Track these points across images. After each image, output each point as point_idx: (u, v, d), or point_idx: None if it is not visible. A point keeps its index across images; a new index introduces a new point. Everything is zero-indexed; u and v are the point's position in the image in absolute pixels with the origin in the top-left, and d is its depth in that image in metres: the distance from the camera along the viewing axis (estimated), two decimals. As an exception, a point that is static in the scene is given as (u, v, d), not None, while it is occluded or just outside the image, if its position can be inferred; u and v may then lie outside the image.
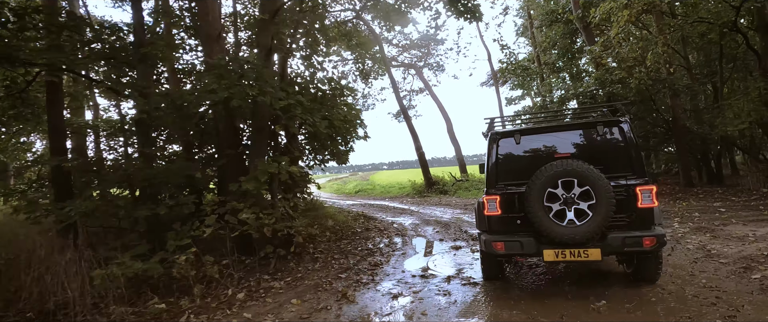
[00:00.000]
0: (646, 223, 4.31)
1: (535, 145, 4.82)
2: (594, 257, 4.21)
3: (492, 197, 4.58)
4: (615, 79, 11.85)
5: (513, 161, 4.81)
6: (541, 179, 4.24)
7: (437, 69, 25.79)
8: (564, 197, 4.22)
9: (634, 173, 4.41)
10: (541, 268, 5.77)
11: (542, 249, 4.32)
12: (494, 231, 4.64)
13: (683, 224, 7.79)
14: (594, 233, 4.12)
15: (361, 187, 26.76)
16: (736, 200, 10.86)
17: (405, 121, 20.76)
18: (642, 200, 4.26)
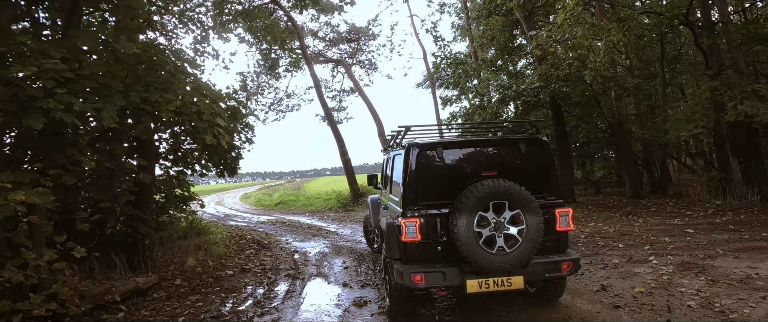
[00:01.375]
0: (561, 246, 4.12)
1: (457, 160, 4.19)
2: (517, 285, 3.80)
3: (412, 219, 3.86)
4: (561, 74, 10.15)
5: (433, 178, 4.07)
6: (472, 200, 3.66)
7: (369, 67, 23.51)
8: (495, 221, 3.73)
9: (552, 194, 4.11)
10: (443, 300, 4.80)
11: (466, 280, 3.76)
12: (412, 260, 3.92)
13: (660, 257, 5.92)
14: (524, 261, 3.72)
15: (285, 198, 23.64)
16: (694, 214, 9.49)
17: (328, 124, 18.12)
18: (560, 222, 4.04)
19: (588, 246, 7.01)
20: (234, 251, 8.29)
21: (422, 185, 4.01)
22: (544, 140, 4.31)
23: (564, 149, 12.45)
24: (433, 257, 3.92)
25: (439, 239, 3.91)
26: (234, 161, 9.20)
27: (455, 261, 3.81)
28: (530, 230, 3.69)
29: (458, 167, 4.18)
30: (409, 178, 4.02)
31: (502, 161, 4.21)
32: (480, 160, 4.22)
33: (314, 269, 7.08)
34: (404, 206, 3.99)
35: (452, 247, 3.78)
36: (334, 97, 24.57)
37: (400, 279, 3.82)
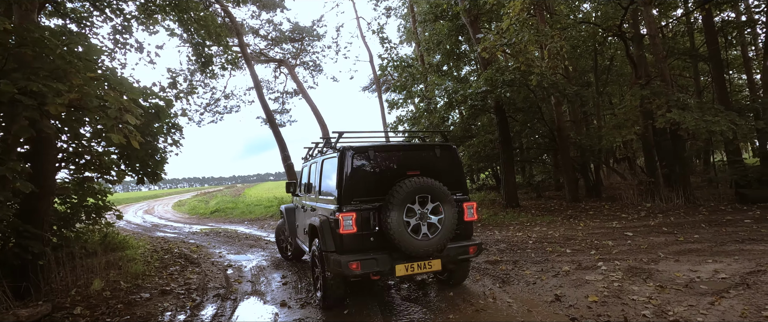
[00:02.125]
0: (468, 234, 4.94)
1: (386, 162, 4.69)
2: (436, 267, 4.52)
3: (348, 214, 4.35)
4: (506, 79, 10.19)
5: (365, 178, 4.56)
6: (402, 194, 4.25)
7: (314, 69, 22.73)
8: (420, 212, 4.37)
9: (461, 191, 4.87)
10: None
11: (395, 265, 4.33)
12: (347, 251, 4.36)
13: (608, 262, 5.89)
14: (443, 245, 4.44)
15: (222, 206, 22.09)
16: (628, 217, 9.87)
17: (270, 127, 17.14)
18: (467, 214, 4.83)
19: (537, 252, 6.90)
20: (155, 269, 7.26)
21: (356, 184, 4.49)
22: (454, 147, 5.10)
23: (508, 154, 12.58)
24: (366, 246, 4.43)
25: (372, 230, 4.44)
26: (157, 166, 8.17)
27: (386, 249, 4.40)
28: (447, 218, 4.44)
29: (387, 168, 4.67)
30: (345, 177, 4.48)
31: (423, 163, 4.80)
32: (405, 162, 4.74)
33: (249, 286, 6.33)
34: (340, 202, 4.43)
35: (382, 237, 4.40)
36: (277, 99, 23.51)
37: (338, 268, 4.22)
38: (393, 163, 4.69)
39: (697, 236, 7.16)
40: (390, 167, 4.67)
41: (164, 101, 7.67)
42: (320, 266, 4.71)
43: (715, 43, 11.99)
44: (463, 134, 13.53)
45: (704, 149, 17.49)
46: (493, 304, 4.64)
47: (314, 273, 5.07)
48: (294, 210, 7.23)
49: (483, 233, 9.19)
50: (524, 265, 6.16)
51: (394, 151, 4.78)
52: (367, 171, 4.56)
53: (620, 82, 17.64)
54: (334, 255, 4.34)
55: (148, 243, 10.74)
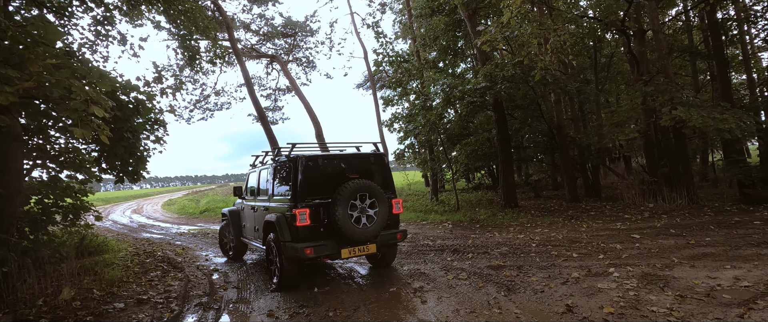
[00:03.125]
0: (396, 223, 6.15)
1: (331, 168, 5.69)
2: (372, 250, 5.67)
3: (303, 209, 5.27)
4: (507, 74, 9.81)
5: (316, 180, 5.51)
6: (346, 193, 5.32)
7: (307, 65, 22.21)
8: (360, 207, 5.47)
9: (389, 190, 6.06)
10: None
11: (340, 249, 5.39)
12: (302, 239, 5.28)
13: (619, 268, 5.51)
14: (378, 232, 5.60)
15: (213, 205, 21.51)
16: (632, 218, 9.54)
17: (261, 124, 16.62)
18: (395, 208, 6.02)
19: (542, 256, 6.51)
20: (134, 275, 6.78)
21: (308, 185, 5.46)
22: (384, 155, 6.20)
23: (506, 152, 12.22)
24: (318, 235, 5.40)
25: (322, 222, 5.44)
26: (138, 164, 7.67)
27: (333, 237, 5.42)
28: (381, 212, 5.56)
29: (332, 173, 5.66)
30: (300, 180, 5.45)
31: (361, 168, 5.87)
32: (346, 167, 5.76)
33: (235, 293, 5.88)
34: (296, 200, 5.37)
35: (330, 227, 5.39)
36: (269, 96, 22.97)
37: (294, 253, 5.21)
38: (337, 168, 5.73)
39: (709, 239, 6.82)
40: (335, 171, 5.69)
41: (145, 95, 7.17)
42: (277, 254, 5.54)
43: (719, 40, 11.71)
44: (460, 132, 13.15)
45: (702, 149, 17.30)
46: (499, 316, 4.24)
47: (270, 262, 5.89)
48: (238, 212, 7.87)
49: (482, 235, 8.81)
50: (529, 270, 5.77)
51: (337, 158, 5.82)
52: (317, 175, 5.56)
53: (618, 80, 17.37)
54: (291, 243, 5.30)
55: (131, 245, 10.23)
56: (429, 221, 11.39)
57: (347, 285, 5.77)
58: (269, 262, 5.92)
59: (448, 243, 8.12)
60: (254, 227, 6.81)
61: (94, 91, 4.16)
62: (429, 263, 6.76)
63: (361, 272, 6.45)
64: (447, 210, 12.74)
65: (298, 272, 5.63)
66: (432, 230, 10.06)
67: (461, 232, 9.46)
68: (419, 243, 8.39)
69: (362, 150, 6.53)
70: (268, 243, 5.85)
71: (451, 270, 6.19)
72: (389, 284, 5.63)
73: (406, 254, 7.51)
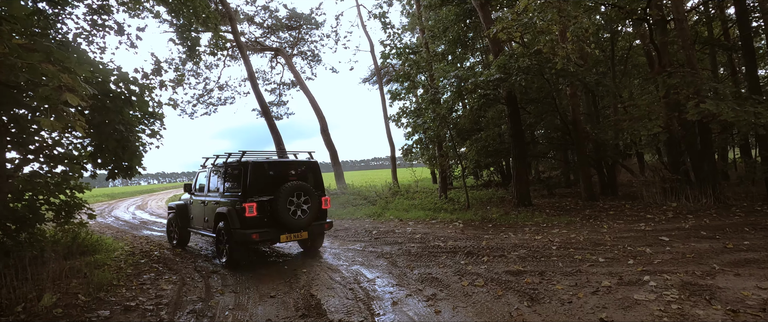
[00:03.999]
0: (324, 216, 7.58)
1: (274, 170, 7.09)
2: (305, 236, 7.12)
3: (251, 204, 6.67)
4: (522, 65, 9.25)
5: (261, 180, 6.88)
6: (286, 191, 6.77)
7: (312, 59, 21.72)
8: (296, 202, 6.89)
9: (319, 189, 7.48)
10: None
11: (279, 235, 6.81)
12: (250, 226, 6.66)
13: (654, 275, 4.98)
14: (310, 223, 7.06)
15: (215, 201, 21.19)
16: (655, 218, 8.97)
17: (265, 119, 16.18)
18: (324, 204, 7.44)
19: (565, 261, 5.99)
20: (125, 277, 6.36)
21: (255, 184, 6.73)
22: (317, 161, 7.67)
23: (520, 148, 11.66)
24: (261, 224, 6.68)
25: (265, 214, 6.71)
26: (132, 159, 7.24)
27: (274, 226, 6.72)
28: (313, 207, 6.94)
29: (274, 175, 6.98)
30: (249, 180, 6.70)
31: (297, 172, 7.23)
32: (287, 171, 7.13)
33: (232, 298, 5.44)
34: (246, 196, 6.64)
35: (272, 217, 6.72)
36: (274, 91, 22.55)
37: (243, 238, 6.49)
38: (279, 171, 7.07)
39: (747, 242, 6.26)
40: (277, 174, 7.04)
41: (138, 86, 6.72)
42: (227, 239, 6.86)
43: (748, 31, 11.05)
44: (471, 127, 12.60)
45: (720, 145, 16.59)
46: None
47: (220, 244, 7.14)
48: (186, 206, 9.03)
49: (496, 236, 8.29)
50: (553, 277, 5.26)
51: (279, 164, 7.20)
52: (263, 177, 6.87)
53: (633, 74, 16.68)
54: (240, 230, 6.58)
55: (128, 244, 9.84)
56: (438, 219, 10.89)
57: (353, 292, 5.31)
58: (218, 246, 7.20)
59: (460, 244, 7.62)
60: (204, 218, 8.08)
61: (70, 77, 3.71)
62: (441, 266, 6.27)
63: (367, 276, 5.98)
64: (457, 208, 12.23)
65: (244, 254, 6.92)
66: (442, 229, 9.56)
67: (473, 232, 8.96)
68: (429, 244, 7.90)
69: (300, 157, 7.96)
70: (219, 231, 7.11)
71: (466, 275, 5.70)
72: (399, 292, 5.15)
73: (416, 256, 7.03)
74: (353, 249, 8.16)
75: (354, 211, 13.44)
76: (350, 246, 8.53)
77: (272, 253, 8.33)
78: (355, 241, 9.07)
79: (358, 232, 9.96)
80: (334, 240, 9.35)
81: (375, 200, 14.75)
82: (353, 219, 12.29)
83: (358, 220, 12.04)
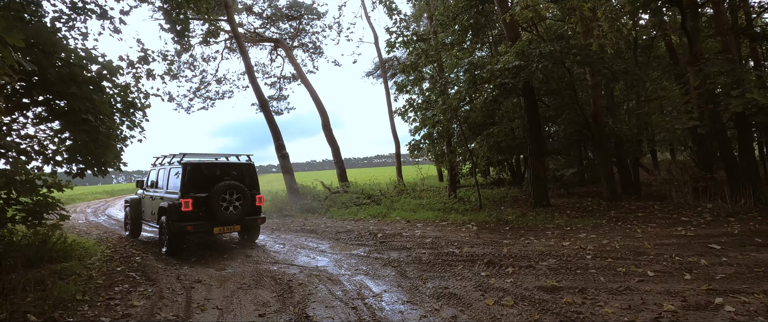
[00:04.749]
0: (258, 212, 8.46)
1: (211, 170, 8.02)
2: (238, 229, 8.15)
3: (187, 200, 7.55)
4: (544, 51, 8.34)
5: (198, 179, 7.82)
6: (220, 189, 7.72)
7: (314, 51, 20.82)
8: (228, 199, 7.82)
9: (253, 188, 8.43)
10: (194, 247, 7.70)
11: (213, 227, 7.75)
12: (186, 219, 7.54)
13: (727, 296, 4.08)
14: (242, 217, 7.99)
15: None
16: (692, 221, 8.05)
17: (263, 114, 15.31)
18: (258, 201, 8.40)
19: (606, 274, 5.09)
20: (94, 289, 5.51)
21: (193, 183, 7.75)
22: (253, 163, 8.71)
23: (538, 144, 10.75)
24: (197, 217, 7.66)
25: (201, 209, 7.69)
26: (106, 154, 6.38)
27: (208, 219, 7.75)
28: (244, 203, 7.97)
29: (210, 175, 7.95)
30: (187, 179, 7.72)
31: (233, 172, 8.24)
32: (222, 171, 8.12)
33: (215, 315, 4.60)
34: (183, 193, 7.64)
35: (207, 212, 7.74)
36: (274, 85, 21.67)
37: (180, 229, 7.51)
38: (214, 172, 7.94)
39: (820, 253, 5.35)
40: (212, 174, 7.89)
41: (107, 68, 5.86)
42: (167, 231, 7.71)
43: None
44: (483, 121, 11.70)
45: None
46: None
47: (162, 235, 8.04)
48: (139, 200, 9.87)
49: (517, 241, 7.40)
50: (598, 296, 4.37)
51: (216, 165, 8.05)
52: (199, 176, 7.74)
53: (653, 65, 15.70)
54: (178, 222, 7.42)
55: (111, 246, 9.02)
56: (449, 221, 10.01)
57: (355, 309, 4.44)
58: (161, 237, 8.15)
59: (477, 251, 6.74)
60: (152, 212, 8.93)
61: None
62: (458, 278, 5.40)
63: (373, 290, 5.12)
64: (468, 209, 11.34)
65: (181, 244, 7.81)
66: (454, 232, 8.69)
67: (490, 236, 8.07)
68: (442, 250, 7.03)
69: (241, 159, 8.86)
70: (161, 223, 8.08)
71: (490, 291, 4.82)
72: (413, 311, 4.28)
73: (428, 265, 6.16)
74: (356, 255, 7.31)
75: (357, 211, 12.57)
76: (353, 251, 7.68)
77: (267, 257, 7.49)
78: (359, 245, 8.22)
79: (362, 234, 9.10)
80: (336, 244, 8.49)
81: (380, 199, 13.88)
82: (356, 220, 11.43)
83: (362, 221, 11.18)
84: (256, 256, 7.80)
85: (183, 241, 7.79)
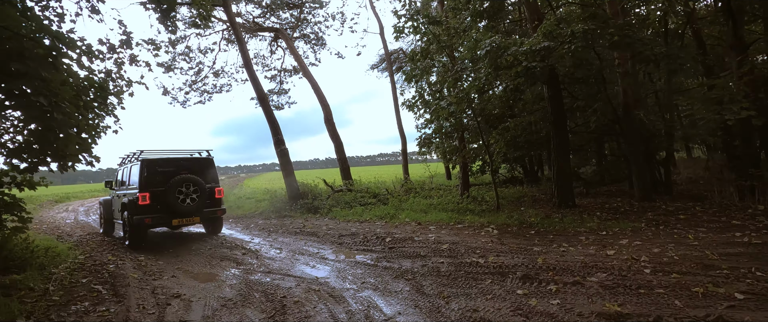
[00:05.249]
0: (218, 204, 9.03)
1: (169, 166, 8.59)
2: (196, 221, 8.71)
3: (145, 194, 8.07)
4: (577, 31, 7.29)
5: (155, 175, 8.34)
6: (176, 183, 8.26)
7: (316, 42, 19.81)
8: (185, 192, 8.33)
9: (215, 182, 9.08)
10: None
11: (171, 219, 8.28)
12: (143, 213, 8.03)
13: None
14: (199, 209, 8.53)
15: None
16: (747, 225, 7.00)
17: (262, 108, 14.32)
18: (216, 194, 8.95)
19: (679, 295, 4.05)
20: (44, 308, 4.54)
21: (151, 178, 8.29)
22: (211, 158, 9.35)
23: (562, 137, 9.70)
24: (155, 210, 8.17)
25: (158, 203, 8.21)
26: (67, 145, 5.41)
27: (166, 212, 8.24)
28: (202, 196, 8.51)
29: (167, 170, 8.54)
30: (145, 175, 8.27)
31: (191, 167, 8.88)
32: (179, 167, 8.74)
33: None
34: (141, 188, 8.18)
35: (164, 205, 8.23)
36: (274, 78, 20.68)
37: (139, 222, 7.99)
38: (171, 167, 8.61)
39: None
40: (169, 169, 8.56)
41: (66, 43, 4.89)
42: (129, 224, 8.29)
43: None
44: (502, 113, 10.66)
45: None
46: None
47: (125, 229, 8.61)
48: (111, 201, 10.31)
49: (549, 248, 6.38)
50: (681, 328, 3.35)
51: (173, 161, 8.74)
52: (157, 172, 8.42)
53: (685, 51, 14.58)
54: (136, 216, 8.04)
55: (88, 251, 8.08)
56: (465, 223, 9.00)
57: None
58: (124, 231, 8.62)
59: (506, 261, 5.72)
60: (118, 209, 9.32)
61: None
62: (489, 297, 4.39)
63: (384, 311, 4.12)
64: (485, 209, 10.33)
65: (142, 237, 8.20)
66: (473, 237, 7.67)
67: (515, 242, 7.05)
68: (463, 259, 6.01)
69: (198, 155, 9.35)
70: (124, 217, 8.57)
71: (533, 316, 3.82)
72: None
73: (448, 278, 5.16)
74: (363, 263, 6.31)
75: (362, 211, 11.57)
76: (359, 258, 6.69)
77: (260, 265, 6.52)
78: (365, 250, 7.23)
79: (368, 238, 8.11)
80: (339, 249, 7.51)
81: (386, 198, 12.87)
82: (361, 221, 10.43)
83: (368, 223, 10.19)
84: (248, 263, 6.83)
85: (143, 233, 8.22)
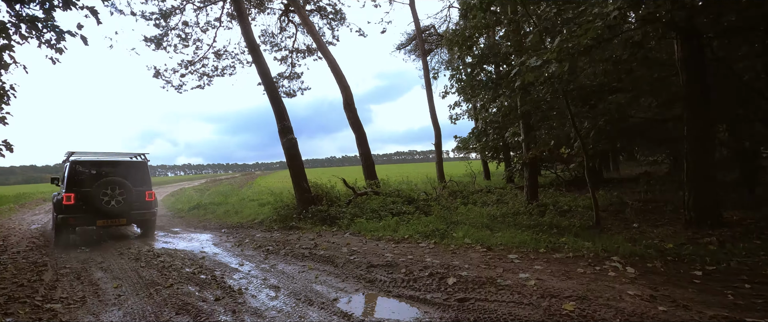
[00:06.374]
0: (149, 206, 9.00)
1: (98, 168, 8.74)
2: (123, 223, 8.68)
3: (69, 194, 8.13)
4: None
5: (82, 176, 8.49)
6: (101, 185, 8.31)
7: (334, 17, 16.82)
8: (110, 194, 8.35)
9: (146, 185, 9.05)
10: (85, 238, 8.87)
11: (96, 220, 8.29)
12: (68, 212, 8.10)
13: None
14: (126, 212, 8.56)
15: (210, 199, 16.65)
16: None
17: (267, 94, 11.37)
18: (148, 197, 8.95)
19: None
20: None
21: (76, 179, 8.38)
22: (145, 161, 9.38)
23: (704, 120, 6.44)
24: (79, 211, 8.20)
25: (83, 203, 8.23)
26: None
27: (91, 213, 8.26)
28: (127, 198, 8.53)
29: (94, 172, 8.67)
30: (69, 176, 8.33)
31: (121, 169, 8.91)
32: (107, 169, 8.80)
33: None
34: (66, 189, 8.22)
35: (89, 205, 8.23)
36: (284, 59, 17.78)
37: (63, 222, 8.05)
38: (98, 169, 8.75)
39: None
40: (96, 171, 8.70)
41: None
42: (54, 223, 8.46)
43: None
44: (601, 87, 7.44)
45: None
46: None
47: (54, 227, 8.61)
48: None
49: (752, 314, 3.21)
50: None
51: (101, 163, 8.84)
52: (83, 173, 8.54)
53: None
54: (61, 216, 8.08)
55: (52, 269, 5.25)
56: (566, 251, 5.81)
57: None
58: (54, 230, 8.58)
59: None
60: None
61: None
62: None
63: None
64: (577, 225, 7.16)
65: (66, 235, 8.42)
66: (600, 281, 4.50)
67: (684, 294, 3.88)
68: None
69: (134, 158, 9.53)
70: (53, 216, 9.07)
71: None
72: None
73: None
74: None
75: (396, 224, 8.40)
76: (407, 318, 3.64)
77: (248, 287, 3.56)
78: (414, 300, 4.17)
79: (415, 274, 5.03)
80: (370, 292, 4.45)
81: (427, 205, 9.68)
82: (398, 241, 7.28)
83: (408, 243, 7.07)
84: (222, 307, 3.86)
85: (67, 232, 8.41)
